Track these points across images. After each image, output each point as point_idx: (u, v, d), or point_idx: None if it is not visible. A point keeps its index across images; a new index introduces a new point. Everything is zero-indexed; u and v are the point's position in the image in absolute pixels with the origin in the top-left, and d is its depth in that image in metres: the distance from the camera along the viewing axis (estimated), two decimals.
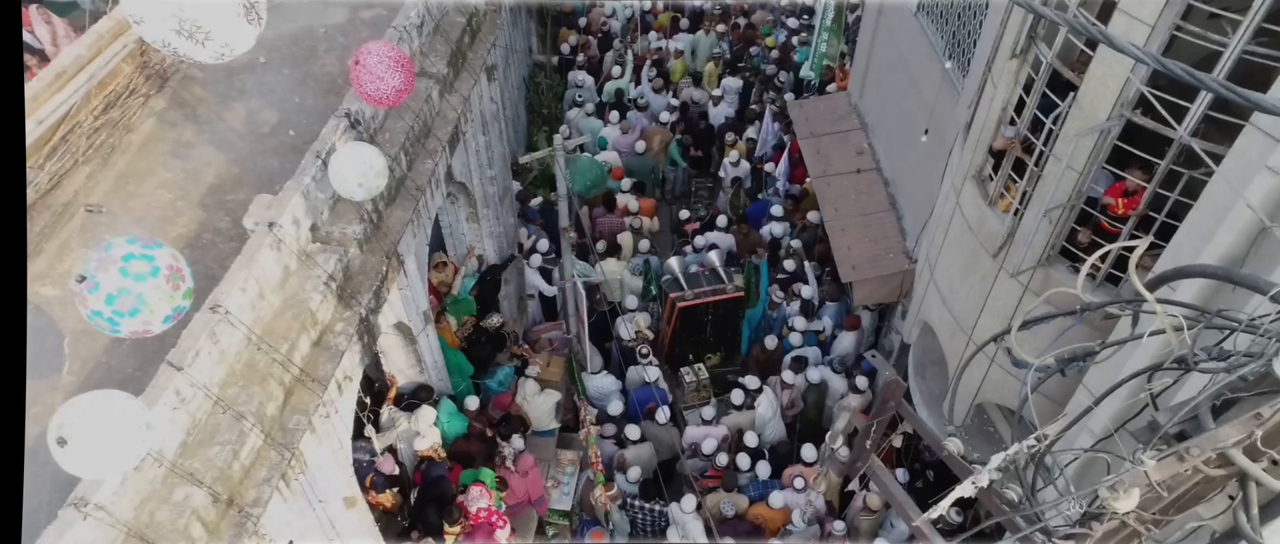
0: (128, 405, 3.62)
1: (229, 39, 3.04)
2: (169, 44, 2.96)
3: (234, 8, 3.00)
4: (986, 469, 2.52)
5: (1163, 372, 2.75)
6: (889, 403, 3.20)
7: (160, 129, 6.80)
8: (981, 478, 2.53)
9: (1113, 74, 4.69)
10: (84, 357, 5.12)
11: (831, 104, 11.37)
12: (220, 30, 2.98)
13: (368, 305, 5.78)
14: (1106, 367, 3.75)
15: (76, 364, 5.09)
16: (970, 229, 6.35)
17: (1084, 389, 5.24)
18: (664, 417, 8.63)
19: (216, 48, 3.04)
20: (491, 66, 8.51)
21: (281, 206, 5.28)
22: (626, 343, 9.26)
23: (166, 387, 4.30)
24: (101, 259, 3.39)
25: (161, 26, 2.89)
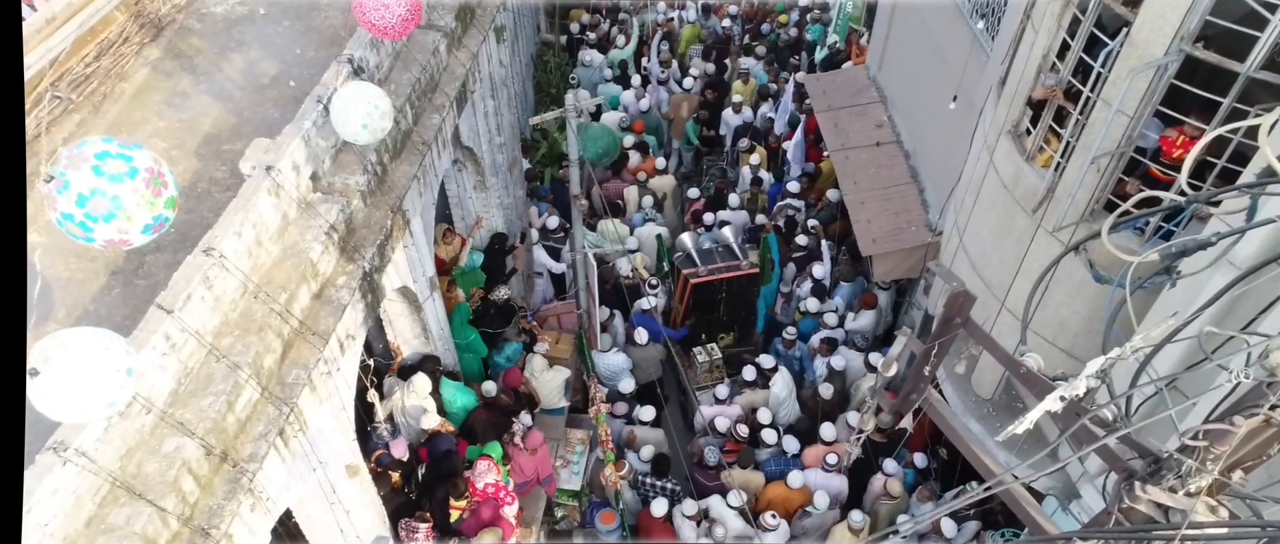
0: (110, 344, 3.29)
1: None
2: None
3: None
4: (1082, 375, 2.20)
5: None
6: (955, 320, 2.88)
7: (155, 78, 6.50)
8: (1078, 384, 2.21)
9: (1172, 4, 4.37)
10: (70, 304, 4.82)
11: (849, 78, 11.05)
12: None
13: (371, 261, 5.48)
14: (1182, 289, 3.42)
15: (61, 312, 4.78)
16: (1005, 187, 6.03)
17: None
18: (642, 338, 8.72)
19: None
20: (500, 27, 8.21)
21: (280, 151, 4.98)
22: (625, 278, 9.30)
23: (156, 329, 3.99)
24: (72, 156, 3.04)
25: None
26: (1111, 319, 2.77)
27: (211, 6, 7.24)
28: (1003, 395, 7.20)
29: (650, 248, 9.98)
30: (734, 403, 8.44)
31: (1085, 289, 5.49)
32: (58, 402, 3.13)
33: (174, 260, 4.58)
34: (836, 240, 10.05)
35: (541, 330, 8.70)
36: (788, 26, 13.71)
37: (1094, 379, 2.24)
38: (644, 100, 11.70)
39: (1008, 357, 2.75)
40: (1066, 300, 5.64)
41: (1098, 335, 5.54)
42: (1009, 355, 2.75)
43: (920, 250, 8.59)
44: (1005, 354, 2.77)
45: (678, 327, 9.50)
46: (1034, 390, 2.68)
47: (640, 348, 8.83)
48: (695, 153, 12.40)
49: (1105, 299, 5.34)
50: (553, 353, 8.45)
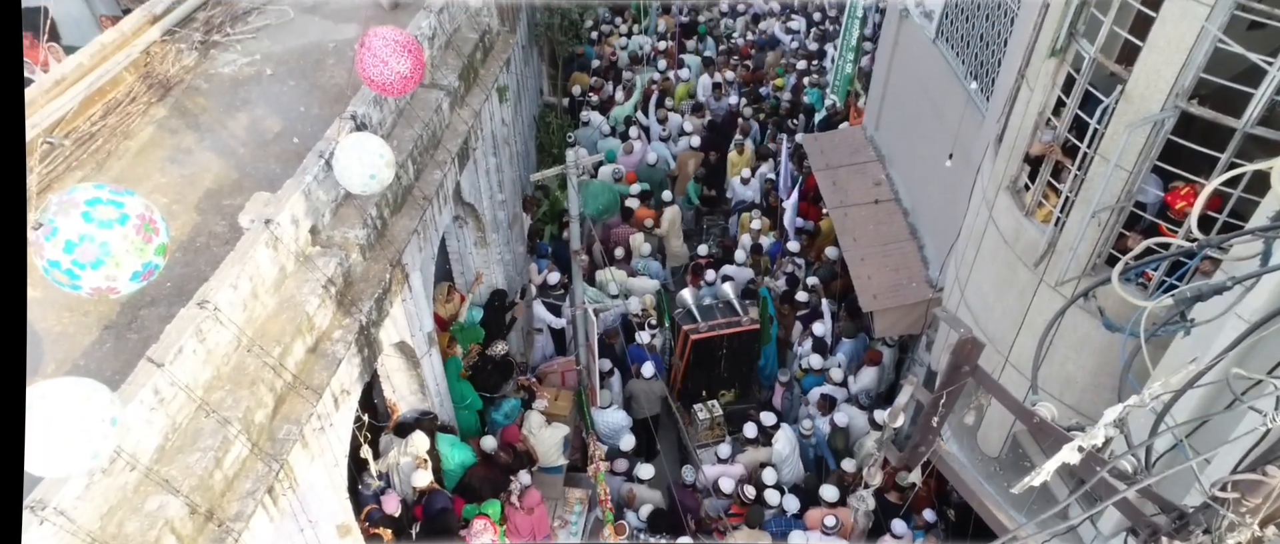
0: (93, 393, 3.21)
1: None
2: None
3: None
4: (1100, 424, 2.12)
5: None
6: (962, 368, 2.80)
7: (160, 136, 6.57)
8: (1096, 434, 2.12)
9: (1167, 62, 4.43)
10: (60, 359, 4.75)
11: (847, 137, 11.20)
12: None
13: (369, 315, 5.42)
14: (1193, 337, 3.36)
15: (51, 366, 4.70)
16: (1006, 242, 6.01)
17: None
18: (649, 371, 8.79)
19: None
20: (503, 87, 8.35)
21: (280, 204, 4.99)
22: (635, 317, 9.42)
23: (144, 383, 3.92)
24: (63, 202, 3.01)
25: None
26: (1127, 366, 2.70)
27: (220, 68, 7.37)
28: (1010, 453, 7.04)
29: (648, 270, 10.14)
30: (737, 462, 8.26)
31: (1091, 343, 5.42)
32: (38, 455, 3.03)
33: (168, 314, 4.53)
34: (837, 298, 10.01)
35: (540, 387, 8.58)
36: (784, 89, 13.96)
37: (1112, 428, 2.16)
38: (633, 155, 11.91)
39: (1019, 406, 2.67)
40: (1072, 355, 5.56)
41: (1105, 391, 5.46)
42: (1020, 404, 2.66)
43: (921, 306, 8.54)
44: (1016, 403, 2.68)
45: (678, 384, 9.37)
46: (1047, 442, 2.59)
47: (644, 381, 8.85)
48: (695, 211, 12.47)
49: (1112, 353, 5.28)
50: (551, 410, 8.31)
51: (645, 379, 8.85)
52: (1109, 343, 5.26)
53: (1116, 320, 4.40)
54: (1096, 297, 3.21)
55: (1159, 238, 3.42)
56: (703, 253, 10.96)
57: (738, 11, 16.37)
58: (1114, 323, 2.83)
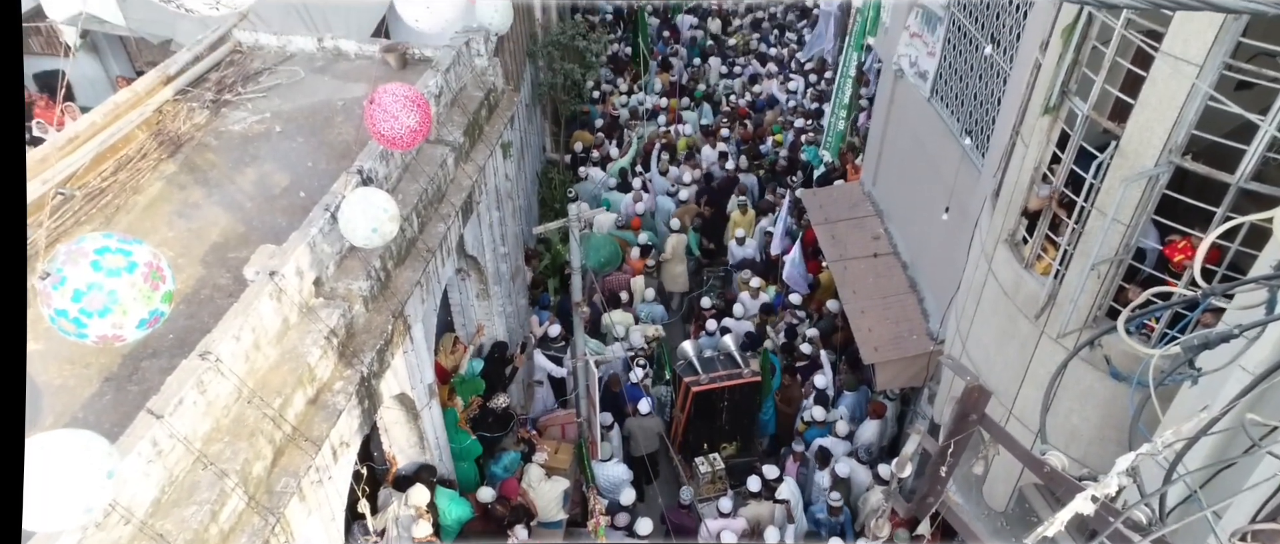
0: (89, 445, 3.19)
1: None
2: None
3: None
4: (1113, 472, 2.10)
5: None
6: (970, 417, 2.78)
7: (168, 191, 6.66)
8: (1109, 483, 2.10)
9: (1159, 119, 4.53)
10: (59, 411, 4.73)
11: (845, 193, 11.34)
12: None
13: (370, 366, 5.41)
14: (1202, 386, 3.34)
15: (49, 419, 4.67)
16: (1006, 294, 6.04)
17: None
18: (646, 407, 8.94)
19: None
20: (507, 143, 8.50)
21: (285, 256, 5.03)
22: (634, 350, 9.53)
23: (143, 435, 3.89)
24: (72, 251, 3.04)
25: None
26: (1137, 415, 2.69)
27: (230, 125, 7.52)
28: (1016, 508, 6.93)
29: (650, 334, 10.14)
30: (739, 516, 8.12)
31: (1095, 395, 5.40)
32: (32, 508, 3.00)
33: (169, 365, 4.52)
34: (837, 350, 10.00)
35: (540, 440, 8.50)
36: (783, 146, 14.20)
37: (1124, 477, 2.14)
38: (640, 204, 12.15)
39: (1028, 455, 2.64)
40: (1076, 407, 5.53)
41: (1110, 444, 5.42)
42: (1030, 454, 2.64)
43: (922, 359, 8.53)
44: (1025, 452, 2.66)
45: (679, 437, 9.29)
46: (1058, 492, 2.56)
47: (640, 418, 8.92)
48: (696, 262, 12.54)
49: (1117, 406, 5.25)
50: (552, 462, 8.22)
51: (642, 416, 8.92)
52: (1113, 395, 5.24)
53: (1124, 370, 4.40)
54: (1103, 346, 3.21)
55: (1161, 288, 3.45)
56: (706, 305, 10.98)
57: (734, 73, 16.77)
58: (1121, 372, 2.83)
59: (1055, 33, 5.37)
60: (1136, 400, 2.56)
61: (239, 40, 8.50)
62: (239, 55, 8.45)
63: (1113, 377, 3.24)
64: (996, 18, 7.54)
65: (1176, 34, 4.33)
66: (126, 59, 12.33)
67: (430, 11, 4.47)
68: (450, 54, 7.51)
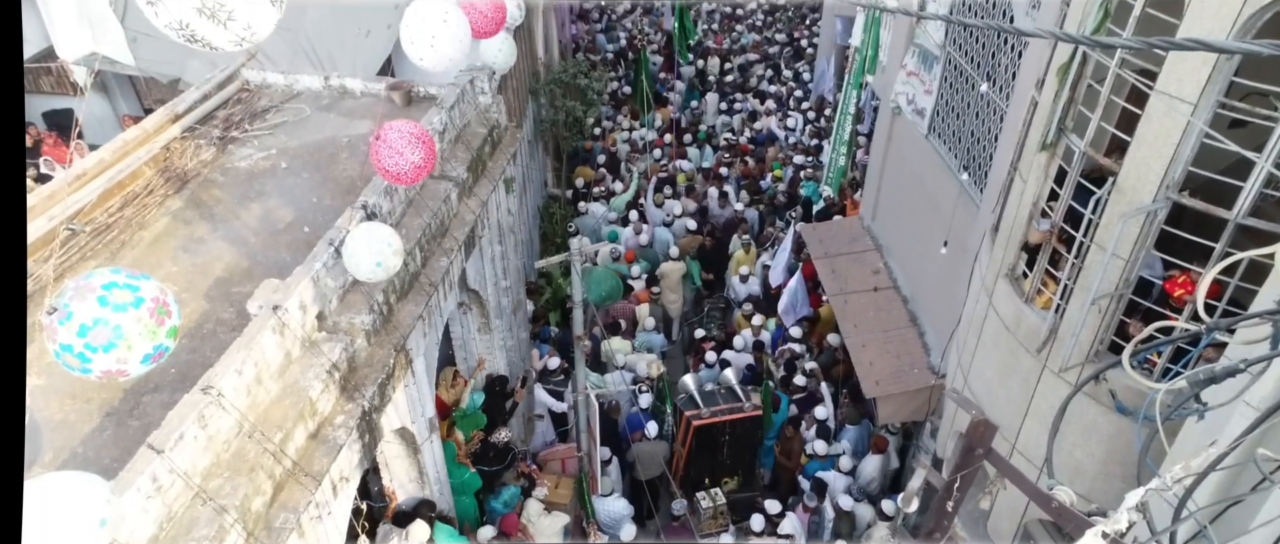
0: (88, 490, 3.17)
1: (252, 20, 2.73)
2: (186, 26, 2.67)
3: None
4: (1123, 508, 2.08)
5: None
6: (976, 451, 2.76)
7: (174, 226, 6.72)
8: (1119, 519, 2.08)
9: (1155, 156, 4.59)
10: (58, 447, 4.71)
11: (844, 227, 11.41)
12: (243, 10, 2.70)
13: (371, 401, 5.40)
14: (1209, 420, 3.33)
15: (48, 455, 4.65)
16: (1007, 328, 6.05)
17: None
18: (652, 431, 9.02)
19: (238, 30, 2.73)
20: (510, 178, 8.58)
21: (289, 290, 5.05)
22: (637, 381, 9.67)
23: (143, 471, 3.87)
24: (79, 287, 3.06)
25: (181, 6, 2.64)
26: (1144, 451, 2.69)
27: (236, 162, 7.60)
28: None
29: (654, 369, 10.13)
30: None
31: (1099, 430, 5.37)
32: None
33: (171, 400, 4.51)
34: (837, 383, 9.98)
35: (541, 474, 8.43)
36: (782, 182, 14.33)
37: (1134, 512, 2.13)
38: (642, 235, 12.30)
39: (1036, 490, 2.63)
40: (1080, 442, 5.50)
41: (1115, 479, 5.38)
42: (1037, 488, 2.63)
43: (924, 392, 8.50)
44: (1033, 487, 2.65)
45: (681, 472, 9.21)
46: (1066, 528, 2.54)
47: (648, 443, 8.98)
48: (696, 293, 12.58)
49: (1121, 440, 5.23)
50: (552, 497, 8.14)
51: (650, 439, 9.00)
52: (1117, 430, 5.22)
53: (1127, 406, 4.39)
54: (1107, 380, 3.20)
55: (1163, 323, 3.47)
56: (701, 336, 10.99)
57: (734, 110, 16.99)
58: (1126, 406, 2.83)
59: (1051, 71, 5.46)
60: (1144, 435, 2.56)
61: (247, 79, 8.64)
62: (247, 93, 8.58)
63: (1118, 411, 3.24)
64: (992, 57, 7.67)
65: (1170, 73, 4.41)
66: (135, 98, 12.52)
67: (435, 51, 4.57)
68: (455, 92, 7.63)
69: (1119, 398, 3.52)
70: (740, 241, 12.31)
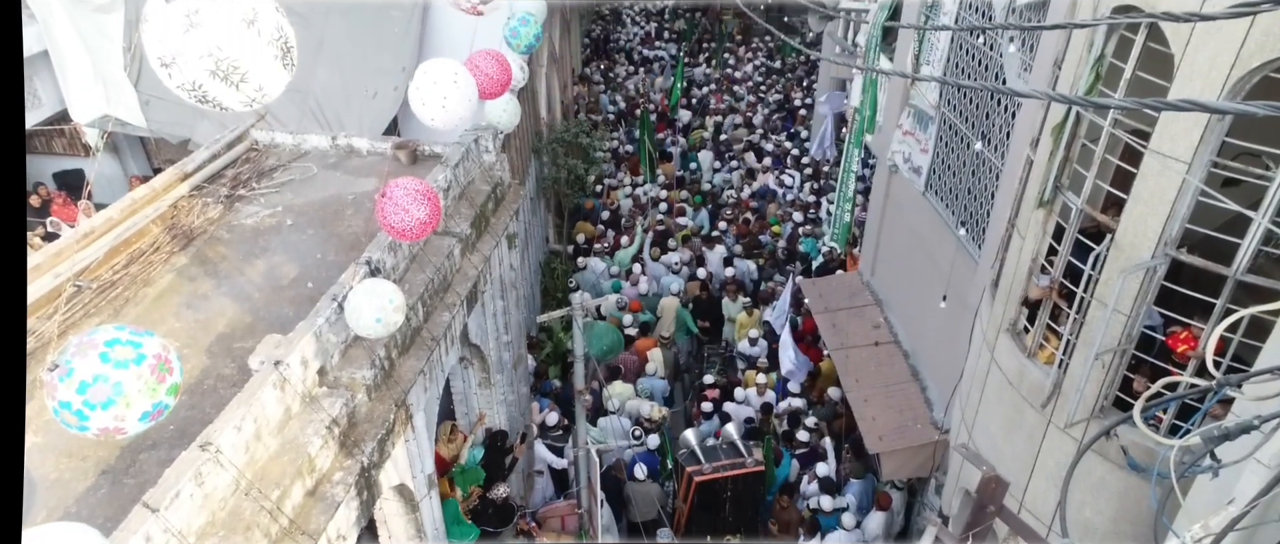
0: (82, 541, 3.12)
1: (263, 82, 2.82)
2: (200, 87, 2.74)
3: (272, 48, 2.86)
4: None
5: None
6: (987, 508, 2.72)
7: (178, 282, 6.75)
8: None
9: (1152, 213, 4.64)
10: (52, 506, 4.64)
11: (844, 282, 11.46)
12: (256, 72, 2.81)
13: (371, 456, 5.34)
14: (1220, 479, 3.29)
15: (42, 514, 4.58)
16: (1010, 383, 6.02)
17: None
18: (641, 473, 9.05)
19: (250, 91, 2.79)
20: (513, 234, 8.66)
21: (291, 346, 5.05)
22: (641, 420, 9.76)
23: (137, 530, 3.81)
24: (82, 343, 3.06)
25: (195, 67, 2.73)
26: (1161, 509, 2.65)
27: (242, 219, 7.68)
28: None
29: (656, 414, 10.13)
30: None
31: (1108, 487, 5.30)
32: None
33: (168, 457, 4.47)
34: (839, 437, 9.90)
35: (540, 532, 8.26)
36: (781, 237, 14.46)
37: None
38: (640, 284, 12.41)
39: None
40: (1088, 499, 5.42)
41: (1125, 538, 5.27)
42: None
43: (928, 448, 8.40)
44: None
45: (682, 527, 9.06)
46: None
47: (639, 484, 8.98)
48: (695, 339, 12.57)
49: (1130, 498, 5.15)
50: None
51: (639, 481, 8.95)
52: (1126, 487, 5.15)
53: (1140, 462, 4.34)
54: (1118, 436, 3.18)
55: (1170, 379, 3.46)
56: (708, 381, 11.02)
57: (732, 167, 17.25)
58: (1139, 463, 2.80)
59: (1045, 131, 5.58)
60: (1159, 493, 2.53)
61: (256, 139, 8.80)
62: (255, 153, 8.72)
63: (1130, 468, 3.20)
64: (986, 117, 7.84)
65: (1164, 132, 4.50)
66: (145, 158, 12.74)
67: (446, 111, 4.68)
68: (459, 150, 7.77)
69: (1130, 454, 3.49)
70: (742, 305, 12.32)
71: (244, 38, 2.72)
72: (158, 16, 2.66)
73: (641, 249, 13.48)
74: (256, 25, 2.74)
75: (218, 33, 2.66)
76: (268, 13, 2.78)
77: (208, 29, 2.64)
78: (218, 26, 2.66)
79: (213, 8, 2.63)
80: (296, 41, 3.09)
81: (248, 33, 2.72)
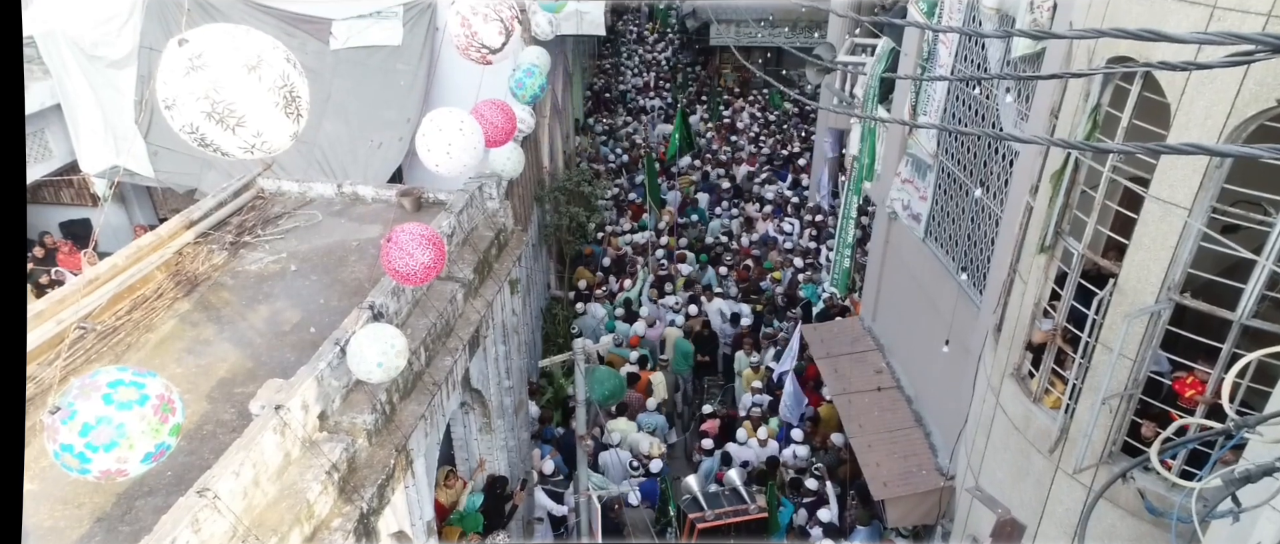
0: None
1: (263, 128, 2.83)
2: (197, 130, 2.74)
3: (272, 95, 2.85)
4: None
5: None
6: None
7: (180, 328, 6.73)
8: None
9: (1154, 258, 4.67)
10: None
11: (845, 328, 11.45)
12: (254, 118, 2.80)
13: (370, 502, 5.26)
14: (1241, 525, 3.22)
15: None
16: (1016, 429, 5.97)
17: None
18: (635, 499, 9.15)
19: (247, 137, 2.77)
20: (515, 280, 8.68)
21: (292, 390, 5.02)
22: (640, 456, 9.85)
23: None
24: (85, 385, 3.03)
25: (192, 109, 2.74)
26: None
27: (246, 265, 7.71)
28: None
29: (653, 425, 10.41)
30: None
31: (1119, 534, 5.20)
32: None
33: (165, 504, 4.41)
34: (843, 483, 9.77)
35: None
36: (780, 282, 14.50)
37: None
38: (638, 325, 12.58)
39: None
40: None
41: None
42: None
43: (934, 495, 8.28)
44: None
45: None
46: None
47: (632, 510, 9.08)
48: (693, 371, 12.59)
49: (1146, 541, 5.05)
50: None
51: (633, 507, 9.00)
52: (1138, 534, 5.06)
53: (1139, 507, 4.27)
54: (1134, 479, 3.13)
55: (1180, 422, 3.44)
56: (708, 412, 11.01)
57: (732, 214, 17.38)
58: (1157, 507, 2.76)
59: (1044, 177, 5.64)
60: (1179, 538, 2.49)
61: (262, 187, 8.89)
62: (261, 200, 8.81)
63: (1148, 511, 3.15)
64: (984, 165, 7.94)
65: (1163, 179, 4.56)
66: (151, 208, 12.86)
67: (451, 157, 4.74)
68: (464, 197, 7.84)
69: (1148, 498, 3.44)
70: (749, 364, 12.31)
71: (243, 83, 2.75)
72: (167, 58, 2.72)
73: (643, 289, 13.56)
74: (258, 72, 2.78)
75: (217, 76, 2.71)
76: (274, 61, 2.84)
77: (208, 72, 2.69)
78: (218, 70, 2.70)
79: (217, 52, 2.68)
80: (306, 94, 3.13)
81: (247, 78, 2.76)
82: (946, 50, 8.38)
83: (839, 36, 14.01)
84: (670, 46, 30.35)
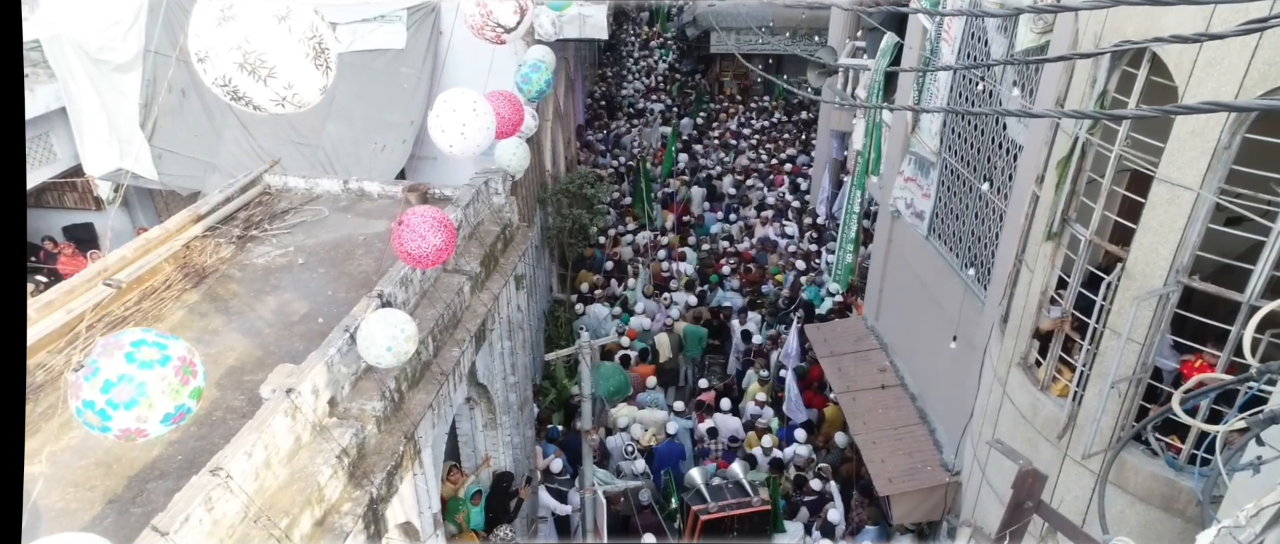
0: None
1: (294, 80, 2.86)
2: (230, 81, 2.75)
3: (303, 46, 2.87)
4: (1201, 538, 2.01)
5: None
6: (1025, 504, 2.66)
7: (189, 319, 6.74)
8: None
9: (1163, 241, 4.70)
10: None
11: (848, 327, 11.47)
12: (285, 68, 2.83)
13: (379, 489, 5.25)
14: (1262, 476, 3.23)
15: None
16: (1024, 418, 5.98)
17: None
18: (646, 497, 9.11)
19: (278, 88, 2.82)
20: (521, 275, 8.70)
21: (303, 375, 5.03)
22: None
23: None
24: (108, 344, 3.05)
25: (225, 60, 2.76)
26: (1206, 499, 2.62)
27: (254, 259, 7.73)
28: None
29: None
30: None
31: (1127, 521, 5.21)
32: None
33: (175, 487, 4.40)
34: (847, 483, 9.76)
35: None
36: (783, 286, 14.53)
37: None
38: (635, 320, 12.82)
39: (1092, 540, 2.53)
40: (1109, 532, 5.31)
41: None
42: (1093, 540, 2.53)
43: (939, 491, 8.28)
44: (1089, 539, 2.55)
45: None
46: None
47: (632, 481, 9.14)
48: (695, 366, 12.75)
49: (1151, 533, 5.06)
50: None
51: (644, 506, 8.99)
52: (1146, 522, 5.07)
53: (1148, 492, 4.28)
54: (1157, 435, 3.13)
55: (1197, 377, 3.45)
56: (704, 386, 11.23)
57: (731, 219, 17.43)
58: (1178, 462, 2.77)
59: (1050, 166, 5.69)
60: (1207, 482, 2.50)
61: (268, 183, 8.92)
62: (267, 196, 8.83)
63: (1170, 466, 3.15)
64: (988, 161, 7.99)
65: (1171, 161, 4.60)
66: (154, 213, 12.89)
67: (464, 139, 4.78)
68: (470, 191, 7.88)
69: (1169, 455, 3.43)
70: (757, 377, 12.31)
71: (274, 33, 2.79)
72: (198, 12, 2.76)
73: (640, 287, 13.75)
74: (288, 22, 2.82)
75: (248, 27, 2.75)
76: (303, 12, 2.88)
77: (239, 23, 2.73)
78: (249, 21, 2.74)
79: (247, 3, 2.72)
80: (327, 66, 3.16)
81: (278, 29, 2.80)
82: (949, 48, 8.46)
83: (839, 41, 14.12)
84: (670, 52, 30.51)
